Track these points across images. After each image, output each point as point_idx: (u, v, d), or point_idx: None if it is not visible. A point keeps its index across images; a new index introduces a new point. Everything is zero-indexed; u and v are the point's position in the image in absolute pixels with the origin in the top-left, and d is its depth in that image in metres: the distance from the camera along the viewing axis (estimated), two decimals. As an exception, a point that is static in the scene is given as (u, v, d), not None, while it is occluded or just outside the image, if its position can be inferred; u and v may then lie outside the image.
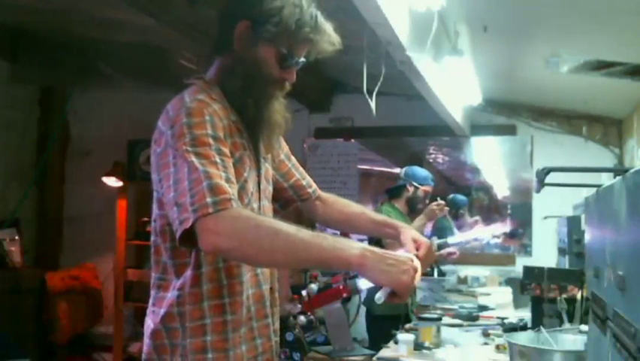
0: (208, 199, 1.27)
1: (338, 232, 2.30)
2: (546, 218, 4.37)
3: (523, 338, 1.93)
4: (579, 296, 2.49)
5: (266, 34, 1.46)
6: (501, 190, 5.39)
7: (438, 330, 2.80)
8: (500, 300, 3.84)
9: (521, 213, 5.17)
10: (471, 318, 3.43)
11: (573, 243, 2.83)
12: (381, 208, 4.23)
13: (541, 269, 2.62)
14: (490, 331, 3.05)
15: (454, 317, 3.47)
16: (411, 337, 2.71)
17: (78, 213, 5.65)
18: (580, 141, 4.95)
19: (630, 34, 2.95)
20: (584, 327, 1.91)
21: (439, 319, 2.93)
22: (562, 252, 3.07)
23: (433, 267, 4.49)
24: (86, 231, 5.51)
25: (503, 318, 3.22)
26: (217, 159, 1.34)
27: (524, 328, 2.68)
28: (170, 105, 1.42)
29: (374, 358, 2.64)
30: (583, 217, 2.63)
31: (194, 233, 1.27)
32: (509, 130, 5.16)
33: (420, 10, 2.41)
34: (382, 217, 1.87)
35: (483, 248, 5.20)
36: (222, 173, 1.32)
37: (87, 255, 5.48)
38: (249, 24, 1.47)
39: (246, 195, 1.49)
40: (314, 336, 3.40)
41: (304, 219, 1.53)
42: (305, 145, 5.51)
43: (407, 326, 3.17)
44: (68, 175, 5.87)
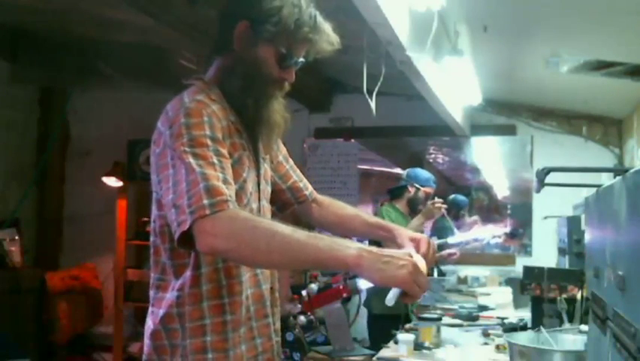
0: (205, 201, 1.27)
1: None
2: (546, 218, 4.36)
3: (523, 338, 1.93)
4: (579, 296, 2.49)
5: (265, 34, 1.47)
6: (501, 190, 5.39)
7: (438, 330, 2.80)
8: (500, 300, 3.84)
9: (521, 213, 5.16)
10: (471, 318, 3.43)
11: (573, 243, 2.82)
12: (381, 209, 4.24)
13: (541, 269, 2.61)
14: (490, 331, 3.04)
15: (454, 317, 3.47)
16: (411, 337, 2.70)
17: (78, 213, 5.65)
18: (580, 141, 4.95)
19: (630, 34, 2.95)
20: (584, 327, 1.91)
21: (439, 319, 2.93)
22: (562, 252, 3.07)
23: (433, 267, 4.48)
24: (86, 231, 5.51)
25: (503, 318, 3.22)
26: (215, 160, 1.34)
27: (524, 328, 2.68)
28: (169, 106, 1.42)
29: (374, 358, 2.64)
30: (583, 217, 2.62)
31: (192, 235, 1.28)
32: (509, 130, 5.16)
33: (420, 10, 2.41)
34: (376, 220, 1.87)
35: (483, 248, 5.20)
36: (220, 174, 1.32)
37: (87, 255, 5.48)
38: (249, 24, 1.47)
39: (245, 195, 1.49)
40: (314, 336, 3.40)
41: (302, 222, 1.52)
42: (305, 145, 5.51)
43: (407, 326, 3.17)
44: (68, 175, 5.87)
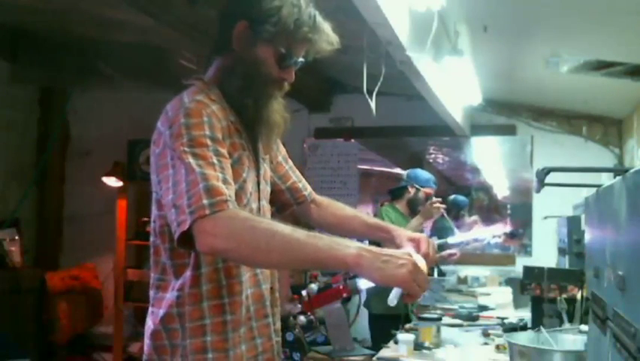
0: (204, 201, 1.27)
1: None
2: (546, 218, 4.36)
3: (523, 338, 1.93)
4: (579, 296, 2.49)
5: (265, 34, 1.47)
6: (501, 190, 5.38)
7: (438, 330, 2.80)
8: (500, 300, 3.83)
9: (521, 213, 5.16)
10: (471, 318, 3.43)
11: (573, 243, 2.82)
12: (381, 209, 4.24)
13: (541, 269, 2.61)
14: (490, 331, 3.04)
15: (454, 317, 3.47)
16: (411, 337, 2.70)
17: (78, 213, 5.65)
18: (580, 141, 4.95)
19: (630, 34, 2.94)
20: (584, 327, 1.91)
21: (439, 319, 2.93)
22: (562, 252, 3.07)
23: (433, 267, 4.48)
24: (86, 231, 5.51)
25: (503, 318, 3.22)
26: (214, 160, 1.34)
27: (524, 328, 2.68)
28: (169, 106, 1.43)
29: (374, 358, 2.64)
30: (583, 217, 2.62)
31: (192, 235, 1.28)
32: (509, 130, 5.15)
33: (420, 10, 2.41)
34: (375, 221, 1.87)
35: (483, 248, 5.20)
36: (219, 174, 1.32)
37: (87, 255, 5.48)
38: (248, 24, 1.47)
39: (245, 195, 1.49)
40: (314, 336, 3.40)
41: (301, 223, 1.52)
42: (305, 145, 5.51)
43: (407, 326, 3.17)
44: (68, 175, 5.87)
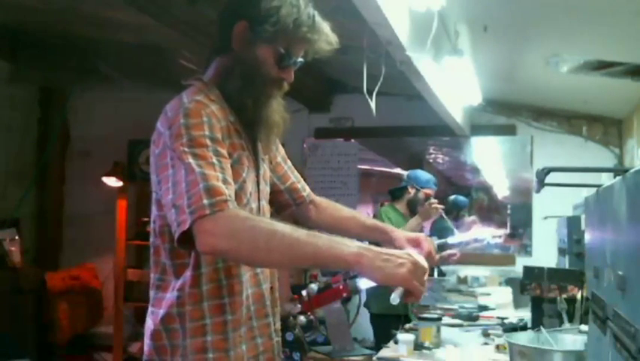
0: (205, 201, 1.27)
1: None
2: (546, 218, 4.36)
3: (523, 338, 1.93)
4: (579, 296, 2.49)
5: (264, 34, 1.47)
6: (501, 190, 5.38)
7: (438, 330, 2.80)
8: (500, 300, 3.83)
9: (521, 213, 5.16)
10: (471, 318, 3.43)
11: (573, 243, 2.82)
12: (381, 210, 4.25)
13: (541, 269, 2.61)
14: (490, 331, 3.04)
15: (454, 317, 3.46)
16: (411, 337, 2.70)
17: (78, 213, 5.65)
18: (580, 141, 4.95)
19: (630, 34, 2.94)
20: (584, 327, 1.91)
21: (439, 319, 2.93)
22: (562, 252, 3.07)
23: (433, 267, 4.48)
24: (86, 231, 5.51)
25: (503, 318, 3.21)
26: (214, 160, 1.34)
27: (524, 328, 2.68)
28: (168, 106, 1.43)
29: (374, 358, 2.64)
30: (583, 217, 2.62)
31: (192, 235, 1.28)
32: (509, 130, 5.15)
33: (420, 10, 2.40)
34: (373, 222, 1.88)
35: (483, 248, 5.19)
36: (219, 174, 1.33)
37: (87, 255, 5.48)
38: (247, 24, 1.47)
39: (245, 195, 1.49)
40: (314, 336, 3.40)
41: (300, 223, 1.52)
42: (305, 145, 5.51)
43: (407, 326, 3.17)
44: (68, 175, 5.86)
